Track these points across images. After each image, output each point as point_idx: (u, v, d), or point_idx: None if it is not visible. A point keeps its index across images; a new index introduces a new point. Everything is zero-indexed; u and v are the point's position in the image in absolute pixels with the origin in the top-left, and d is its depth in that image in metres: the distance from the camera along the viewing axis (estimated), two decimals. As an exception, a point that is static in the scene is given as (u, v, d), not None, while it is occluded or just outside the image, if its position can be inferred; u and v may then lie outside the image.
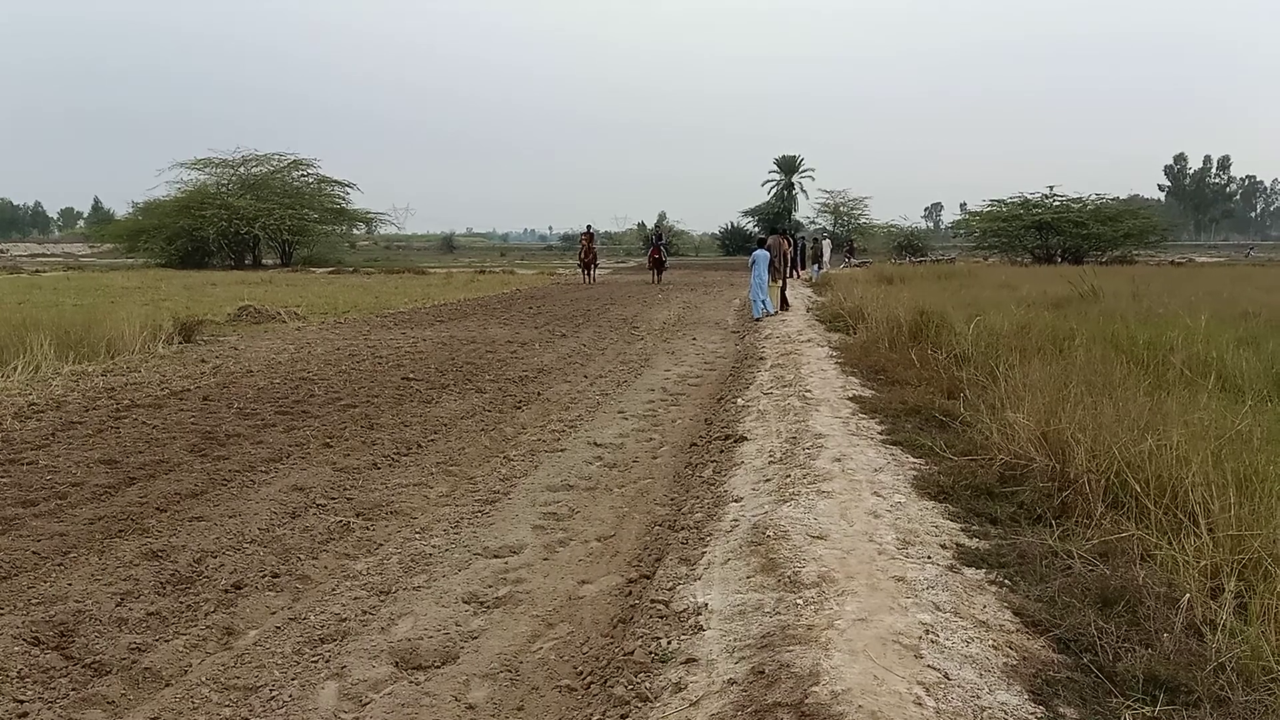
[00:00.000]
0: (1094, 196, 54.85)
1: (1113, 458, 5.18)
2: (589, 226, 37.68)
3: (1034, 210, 53.82)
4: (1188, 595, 3.74)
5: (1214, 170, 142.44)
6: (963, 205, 77.27)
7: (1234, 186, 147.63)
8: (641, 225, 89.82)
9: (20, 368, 11.00)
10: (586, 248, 36.28)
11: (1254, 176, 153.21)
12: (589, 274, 35.75)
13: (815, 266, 37.39)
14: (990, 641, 3.69)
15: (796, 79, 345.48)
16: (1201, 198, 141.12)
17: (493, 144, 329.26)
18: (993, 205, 57.58)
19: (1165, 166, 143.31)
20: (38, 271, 41.03)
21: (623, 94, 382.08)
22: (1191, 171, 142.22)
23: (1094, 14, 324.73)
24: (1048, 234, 52.62)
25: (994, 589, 4.27)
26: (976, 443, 6.43)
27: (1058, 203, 54.17)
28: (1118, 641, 3.55)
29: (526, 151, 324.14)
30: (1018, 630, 3.82)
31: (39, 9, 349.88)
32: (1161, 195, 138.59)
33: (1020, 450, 5.83)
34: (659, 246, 36.98)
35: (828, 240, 45.61)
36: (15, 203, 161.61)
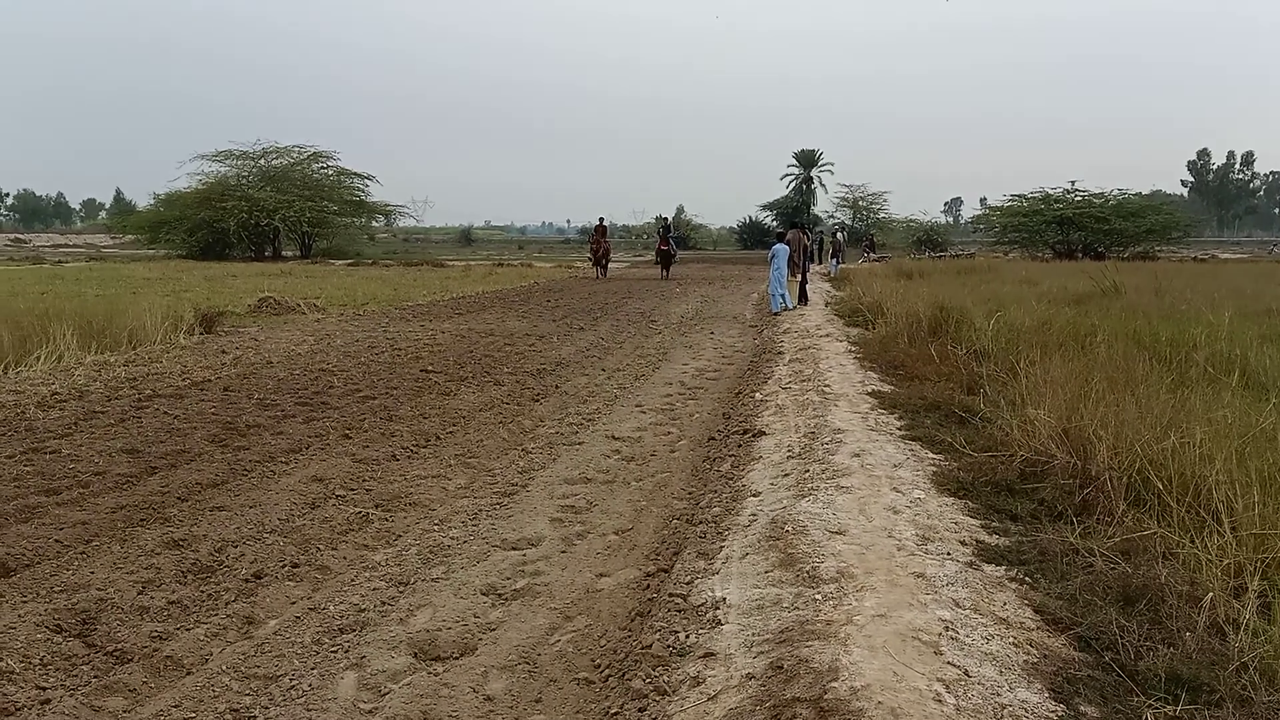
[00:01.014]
0: (1116, 192, 54.49)
1: (1135, 455, 5.15)
2: (601, 219, 36.06)
3: (1055, 205, 53.43)
4: (1210, 594, 3.71)
5: (1238, 166, 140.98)
6: (983, 200, 77.01)
7: (1258, 183, 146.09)
8: (659, 218, 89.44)
9: (43, 357, 11.11)
10: (598, 241, 34.48)
11: (1278, 172, 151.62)
12: (602, 269, 34.15)
13: (834, 260, 37.08)
14: (1010, 639, 3.67)
15: (818, 75, 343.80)
16: (1225, 193, 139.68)
17: (511, 137, 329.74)
18: (1013, 200, 57.26)
19: (1188, 162, 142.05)
20: (60, 262, 41.35)
21: (644, 89, 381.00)
22: (1215, 167, 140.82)
23: (1117, 11, 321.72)
24: (1069, 229, 52.25)
25: (1014, 586, 4.25)
26: (996, 439, 6.40)
27: (1079, 198, 53.78)
28: (1139, 640, 3.53)
29: (545, 145, 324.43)
30: (1038, 628, 3.80)
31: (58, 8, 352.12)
32: (1184, 191, 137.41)
33: (1041, 447, 5.80)
34: (668, 239, 34.87)
35: (841, 233, 45.27)
36: (38, 194, 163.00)
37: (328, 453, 7.45)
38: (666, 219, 36.15)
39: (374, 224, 68.94)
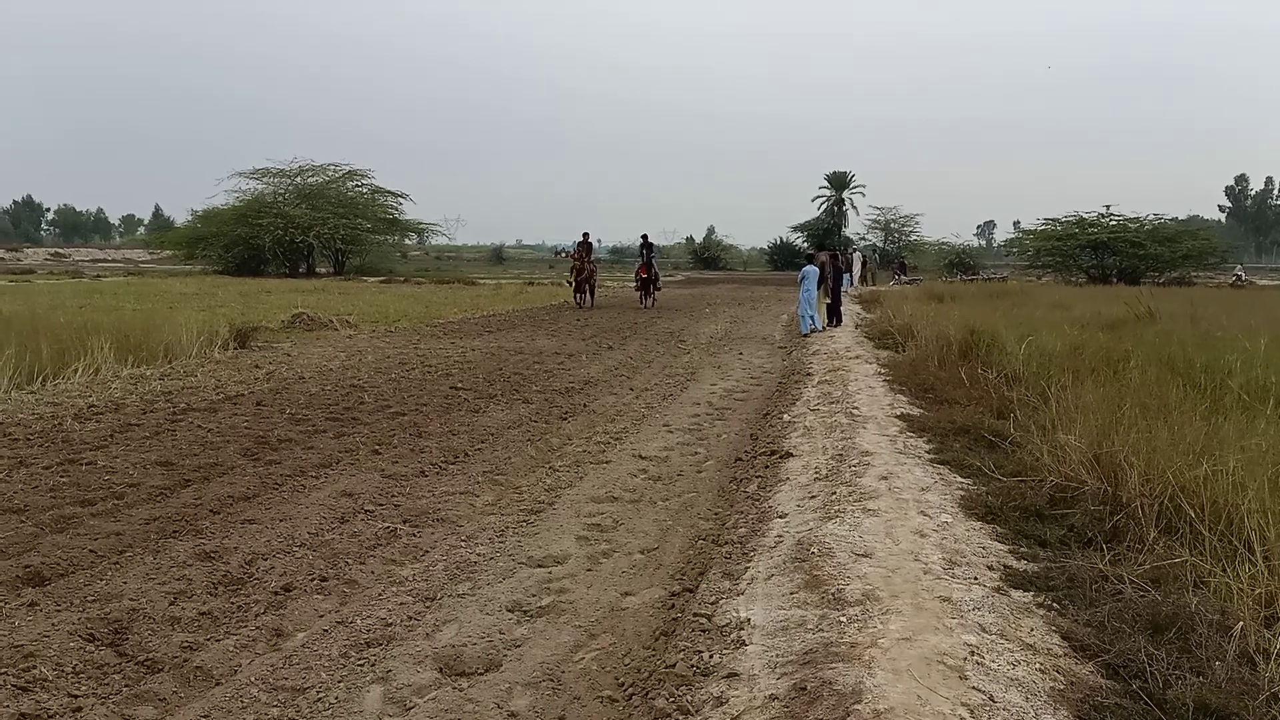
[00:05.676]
0: (1152, 216, 53.95)
1: (1167, 482, 5.10)
2: (585, 234, 28.08)
3: (1089, 229, 52.94)
4: (1241, 623, 3.67)
5: (1276, 192, 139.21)
6: (1016, 223, 76.16)
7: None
8: (689, 239, 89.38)
9: (81, 370, 11.28)
10: (582, 261, 27.50)
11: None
12: (586, 295, 27.73)
13: (847, 278, 36.56)
14: (1037, 665, 3.64)
15: (848, 101, 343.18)
16: (1263, 219, 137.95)
17: (545, 157, 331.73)
18: (1047, 224, 56.79)
19: (1226, 187, 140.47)
20: (99, 276, 42.08)
21: (675, 113, 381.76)
22: (1253, 193, 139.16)
23: (1159, 43, 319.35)
24: (1103, 254, 51.77)
25: (1042, 612, 4.21)
26: (1026, 464, 6.35)
27: (1114, 222, 53.27)
28: (1168, 668, 3.49)
29: (579, 165, 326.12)
30: (1065, 654, 3.77)
31: (108, 18, 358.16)
32: (1222, 216, 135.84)
33: (1071, 472, 5.75)
34: (649, 261, 28.69)
35: (857, 253, 44.80)
36: (78, 209, 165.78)
37: (357, 468, 7.52)
38: (647, 241, 29.35)
39: (407, 241, 69.68)
